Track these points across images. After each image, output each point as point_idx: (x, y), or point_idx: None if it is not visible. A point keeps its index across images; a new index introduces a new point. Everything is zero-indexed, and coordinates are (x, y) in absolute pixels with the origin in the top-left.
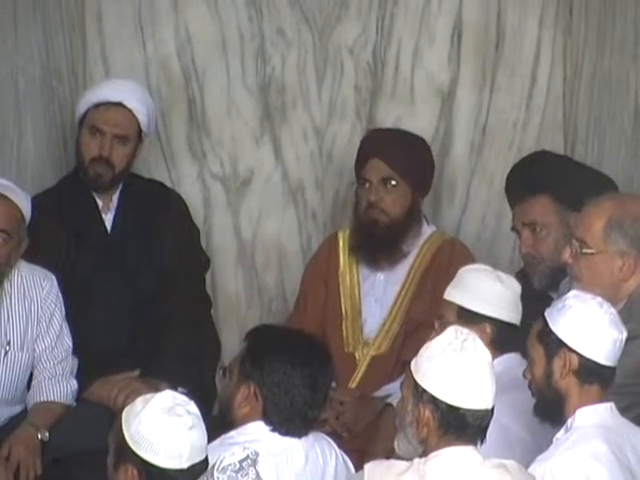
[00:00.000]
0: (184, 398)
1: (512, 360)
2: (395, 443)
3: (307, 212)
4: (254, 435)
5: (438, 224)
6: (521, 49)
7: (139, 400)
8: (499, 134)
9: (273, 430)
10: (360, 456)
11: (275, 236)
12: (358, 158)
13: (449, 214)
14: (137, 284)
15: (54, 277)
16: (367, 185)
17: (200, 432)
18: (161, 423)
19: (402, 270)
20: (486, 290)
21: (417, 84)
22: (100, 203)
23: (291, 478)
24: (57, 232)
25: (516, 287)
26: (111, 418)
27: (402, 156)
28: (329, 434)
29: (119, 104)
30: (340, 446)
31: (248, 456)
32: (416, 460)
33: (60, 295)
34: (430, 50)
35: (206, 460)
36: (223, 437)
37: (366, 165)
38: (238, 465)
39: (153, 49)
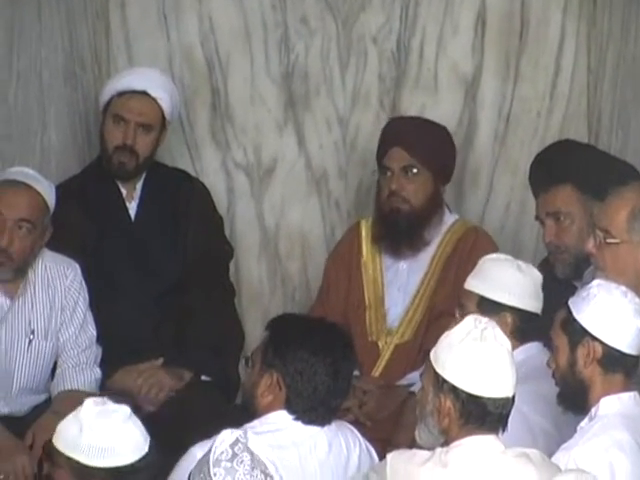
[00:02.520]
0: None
1: (533, 349)
2: (416, 433)
3: (330, 201)
4: (277, 424)
5: (462, 213)
6: (545, 38)
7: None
8: (523, 123)
9: (296, 419)
10: (383, 445)
11: (298, 225)
12: (379, 147)
13: (473, 203)
14: (161, 273)
15: (78, 266)
16: (388, 174)
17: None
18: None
19: (425, 258)
20: (506, 279)
21: (441, 73)
22: (124, 192)
23: (315, 467)
24: (81, 221)
25: (536, 276)
26: (134, 407)
27: (423, 144)
28: (352, 423)
29: (143, 92)
30: (363, 435)
31: (238, 439)
32: (438, 450)
33: (84, 284)
34: (454, 39)
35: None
36: (246, 426)
37: (387, 153)
38: (231, 452)
39: (177, 38)
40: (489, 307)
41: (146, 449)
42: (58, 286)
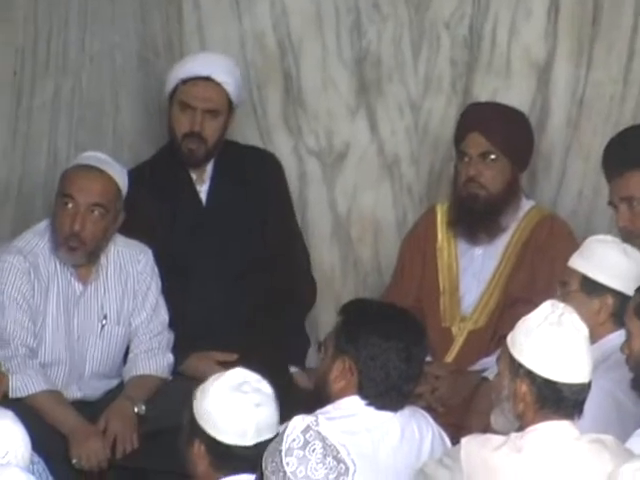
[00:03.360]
0: (256, 377)
1: None
2: (492, 418)
3: (402, 186)
4: (350, 410)
5: (534, 199)
6: (619, 23)
7: (211, 377)
8: (596, 108)
9: (368, 404)
10: (455, 430)
11: (370, 210)
12: (457, 132)
13: (545, 189)
14: (233, 257)
15: (150, 251)
16: (466, 159)
17: (268, 410)
18: (226, 400)
19: (500, 245)
20: (612, 262)
21: (513, 58)
22: (194, 176)
23: (387, 453)
24: (152, 206)
25: None
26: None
27: (502, 130)
28: (424, 409)
29: (207, 78)
30: (435, 420)
31: (309, 426)
32: (512, 435)
33: (156, 269)
34: (527, 24)
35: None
36: (319, 412)
37: (465, 139)
38: (302, 439)
39: (249, 23)
40: (591, 287)
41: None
42: (131, 271)
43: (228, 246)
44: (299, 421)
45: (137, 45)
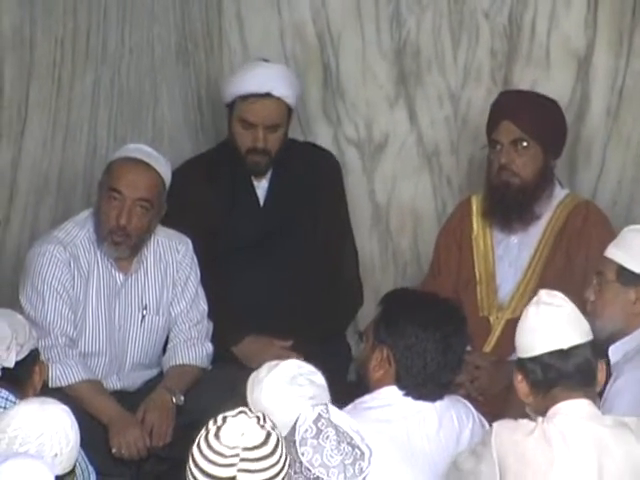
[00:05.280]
0: (310, 368)
1: None
2: (527, 408)
3: (442, 176)
4: (387, 400)
5: (574, 189)
6: None
7: (265, 366)
8: (636, 98)
9: (406, 394)
10: (494, 420)
11: (410, 200)
12: (489, 121)
13: (585, 178)
14: (287, 257)
15: (189, 241)
16: (498, 147)
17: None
18: (280, 393)
19: (536, 233)
20: None
21: (553, 48)
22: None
23: (423, 442)
24: (208, 199)
25: None
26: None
27: (532, 117)
28: (464, 398)
29: (267, 94)
30: (475, 410)
31: (320, 415)
32: (539, 419)
33: (195, 259)
34: (567, 14)
35: None
36: (357, 401)
37: (497, 127)
38: (315, 428)
39: (288, 14)
40: (628, 277)
41: None
42: (170, 261)
43: (282, 247)
44: (309, 411)
45: (176, 36)
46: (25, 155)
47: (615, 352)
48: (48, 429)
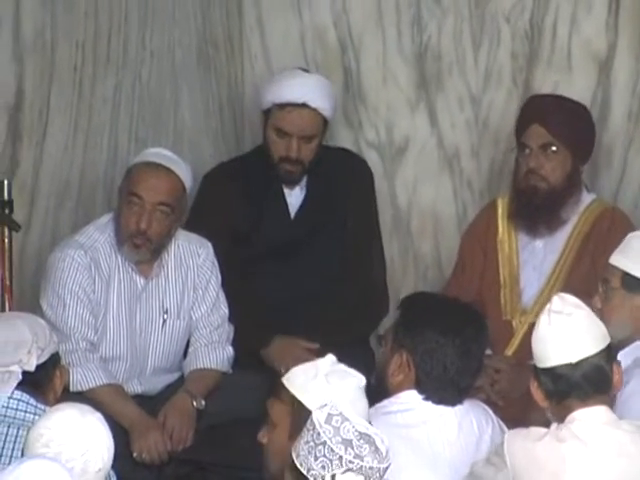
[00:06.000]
0: (343, 367)
1: None
2: (547, 413)
3: (463, 180)
4: (407, 404)
5: (596, 192)
6: None
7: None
8: None
9: (426, 399)
10: (515, 425)
11: (430, 204)
12: (518, 124)
13: (606, 182)
14: (314, 269)
15: (210, 244)
16: (527, 151)
17: None
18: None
19: (561, 238)
20: None
21: (574, 51)
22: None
23: (444, 447)
24: (237, 205)
25: None
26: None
27: (563, 122)
28: (484, 402)
29: (303, 104)
30: (495, 414)
31: (330, 414)
32: (554, 425)
33: (216, 263)
34: (588, 17)
35: None
36: (377, 406)
37: (526, 131)
38: (331, 429)
39: (309, 18)
40: (633, 284)
41: None
42: (190, 264)
43: (310, 258)
44: (318, 414)
45: (197, 40)
46: (46, 159)
47: (625, 358)
48: (92, 446)
